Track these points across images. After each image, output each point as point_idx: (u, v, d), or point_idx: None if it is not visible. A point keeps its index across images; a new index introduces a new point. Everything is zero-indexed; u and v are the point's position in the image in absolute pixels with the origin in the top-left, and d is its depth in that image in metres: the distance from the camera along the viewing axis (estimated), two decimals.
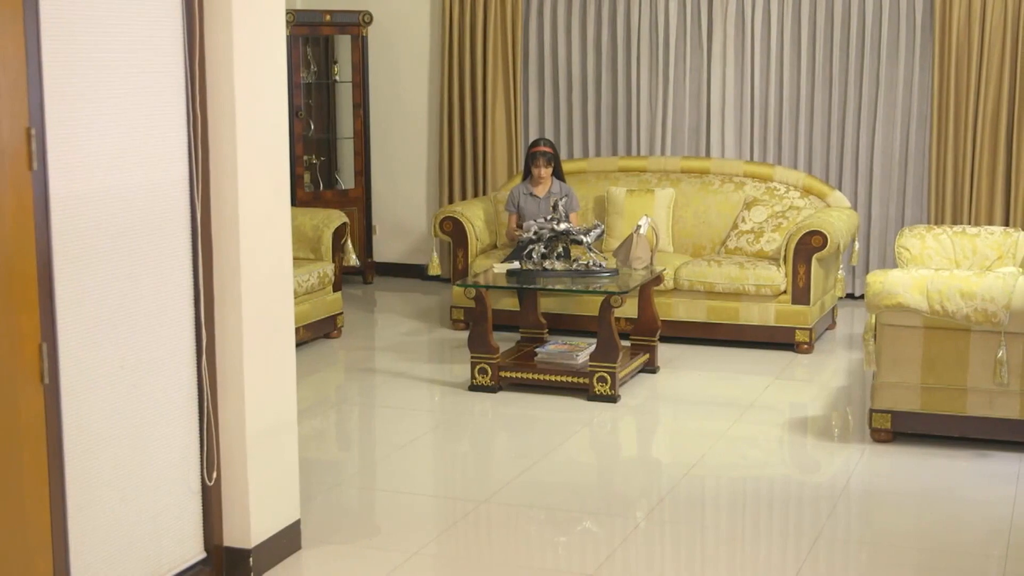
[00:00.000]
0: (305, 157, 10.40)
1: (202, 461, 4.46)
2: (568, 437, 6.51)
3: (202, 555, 4.51)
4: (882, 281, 5.99)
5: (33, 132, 3.61)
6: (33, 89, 3.60)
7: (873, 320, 6.17)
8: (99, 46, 3.87)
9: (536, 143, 8.61)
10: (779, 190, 8.86)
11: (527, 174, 8.58)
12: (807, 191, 8.88)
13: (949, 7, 9.03)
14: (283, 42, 4.62)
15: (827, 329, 8.67)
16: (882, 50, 9.29)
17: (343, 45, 10.58)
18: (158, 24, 4.12)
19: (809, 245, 8.02)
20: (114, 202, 3.97)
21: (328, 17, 10.25)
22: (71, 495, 3.85)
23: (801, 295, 8.07)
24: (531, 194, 8.50)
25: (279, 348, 4.70)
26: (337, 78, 10.70)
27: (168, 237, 4.22)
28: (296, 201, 9.94)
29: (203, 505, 4.49)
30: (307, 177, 10.47)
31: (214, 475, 4.50)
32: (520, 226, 8.29)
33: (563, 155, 10.26)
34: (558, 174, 8.61)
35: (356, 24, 10.32)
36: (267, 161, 4.55)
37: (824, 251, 8.02)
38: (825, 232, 8.00)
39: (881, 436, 6.18)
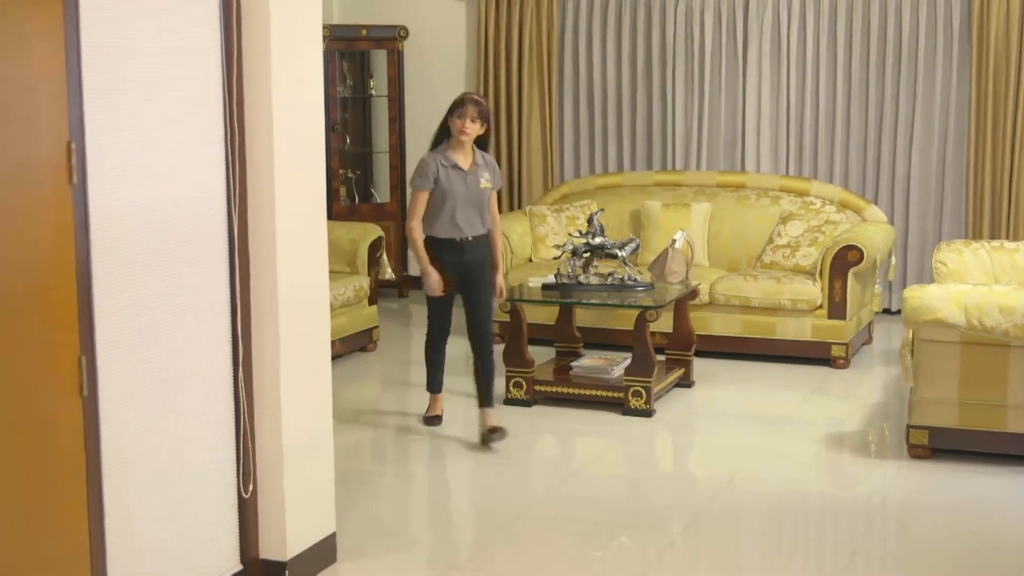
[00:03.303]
0: (341, 171, 10.45)
1: (239, 474, 4.47)
2: (603, 451, 6.49)
3: (238, 567, 4.53)
4: (920, 296, 5.96)
5: (73, 146, 3.64)
6: (73, 104, 3.63)
7: (910, 335, 6.14)
8: (138, 61, 3.91)
9: (464, 94, 6.58)
10: (815, 204, 8.84)
11: (441, 139, 6.49)
12: (843, 205, 8.85)
13: (986, 20, 8.98)
14: (320, 57, 4.64)
15: (864, 344, 8.62)
16: (919, 63, 9.24)
17: (379, 59, 10.63)
18: (196, 39, 4.15)
19: (845, 260, 7.99)
20: (152, 216, 3.99)
21: (364, 32, 10.30)
22: (108, 507, 3.88)
23: (837, 310, 8.03)
24: (455, 166, 6.37)
25: (315, 361, 4.71)
26: (373, 92, 10.74)
27: (206, 251, 4.25)
28: (332, 215, 9.97)
29: (239, 518, 4.51)
30: (343, 191, 10.51)
31: (251, 488, 4.51)
32: (434, 206, 6.40)
33: (598, 169, 10.24)
34: (483, 145, 6.55)
35: (392, 39, 10.36)
36: (304, 175, 4.57)
37: (861, 266, 7.98)
38: (862, 247, 7.97)
39: (919, 452, 6.14)
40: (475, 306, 6.56)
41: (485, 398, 6.49)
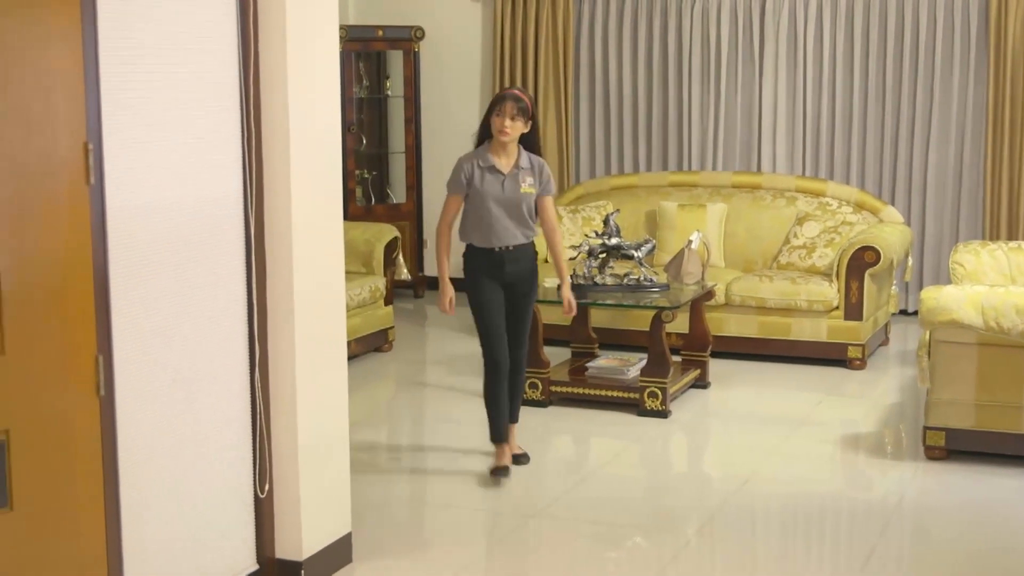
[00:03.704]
0: (357, 171, 10.46)
1: (255, 473, 4.48)
2: (618, 452, 6.49)
3: (254, 567, 4.54)
4: (936, 297, 5.94)
5: (90, 147, 3.65)
6: (91, 105, 3.65)
7: (927, 336, 6.12)
8: (155, 62, 3.92)
9: (505, 88, 6.24)
10: (831, 205, 8.82)
11: (484, 139, 5.88)
12: (860, 206, 8.83)
13: (1004, 20, 8.95)
14: (336, 58, 4.65)
15: (880, 345, 8.61)
16: (936, 64, 9.22)
17: (395, 60, 10.65)
18: (213, 40, 4.16)
19: (862, 261, 7.97)
20: (169, 216, 4.01)
21: (380, 32, 10.31)
22: (125, 506, 3.89)
23: (854, 311, 8.01)
24: (491, 167, 5.78)
25: (331, 361, 4.72)
26: (389, 93, 10.76)
27: (222, 251, 4.26)
28: (348, 215, 9.99)
29: (255, 517, 4.52)
30: (359, 191, 10.53)
31: (266, 487, 4.52)
32: (467, 211, 5.89)
33: (613, 170, 10.24)
34: (530, 145, 5.92)
35: (408, 39, 10.37)
36: (320, 175, 4.58)
37: (877, 267, 7.96)
38: (878, 248, 7.95)
39: (935, 454, 6.12)
40: (514, 321, 6.05)
41: (509, 412, 6.14)
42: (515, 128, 5.73)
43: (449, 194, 5.89)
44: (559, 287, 6.24)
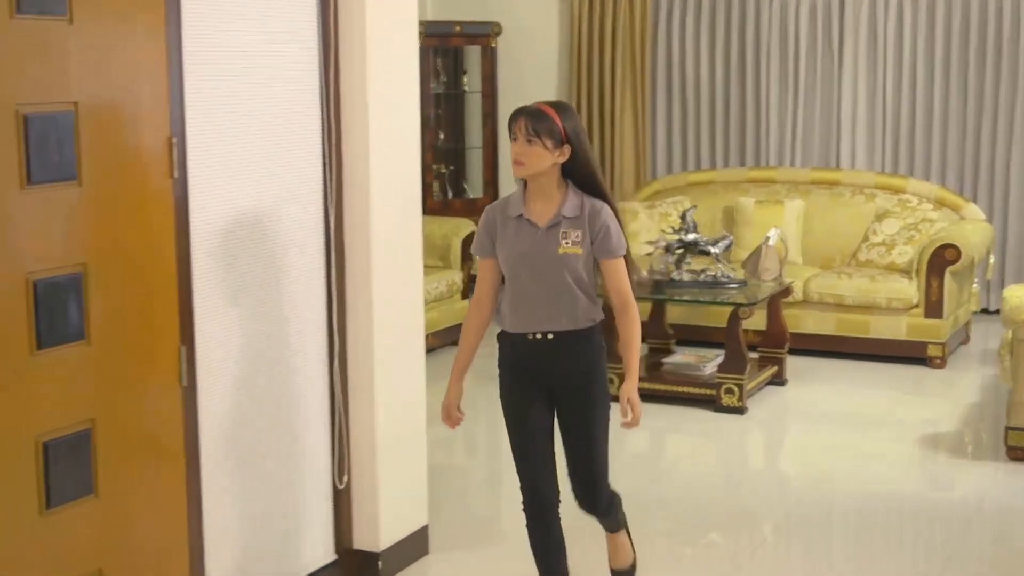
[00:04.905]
0: (435, 166, 10.50)
1: (333, 465, 4.53)
2: (694, 448, 6.47)
3: (332, 557, 4.59)
4: (1019, 295, 5.86)
5: (174, 141, 3.71)
6: (174, 99, 3.71)
7: (1009, 335, 6.04)
8: (237, 58, 3.97)
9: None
10: (912, 202, 8.71)
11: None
12: (940, 203, 8.72)
13: None
14: (416, 54, 4.67)
15: (961, 344, 8.50)
16: (1019, 57, 9.08)
17: (473, 56, 10.67)
18: (294, 36, 4.21)
19: (942, 258, 7.88)
20: (250, 210, 4.06)
21: (458, 28, 10.34)
22: (207, 496, 3.95)
23: (934, 309, 7.92)
24: (520, 216, 3.90)
25: (409, 354, 4.76)
26: (466, 88, 10.79)
27: (302, 244, 4.31)
28: (426, 210, 10.01)
29: (334, 508, 4.57)
30: (436, 186, 10.57)
31: (345, 479, 4.57)
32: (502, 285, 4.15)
33: (691, 166, 10.19)
34: (584, 182, 3.97)
35: (486, 35, 10.39)
36: (398, 170, 4.61)
37: (958, 265, 7.86)
38: (959, 245, 7.85)
39: (1017, 454, 6.04)
40: (572, 440, 4.26)
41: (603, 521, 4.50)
42: (533, 157, 3.81)
43: (478, 259, 4.12)
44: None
